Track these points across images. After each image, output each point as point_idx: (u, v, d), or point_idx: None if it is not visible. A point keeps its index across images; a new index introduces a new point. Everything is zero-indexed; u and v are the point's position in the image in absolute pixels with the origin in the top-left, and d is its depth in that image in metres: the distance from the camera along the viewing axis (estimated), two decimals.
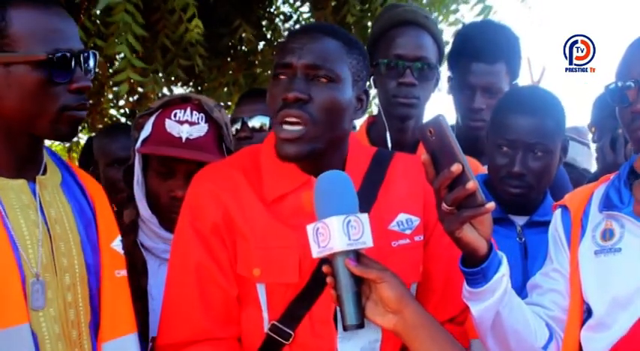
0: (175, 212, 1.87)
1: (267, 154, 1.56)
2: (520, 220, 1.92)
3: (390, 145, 2.13)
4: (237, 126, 2.52)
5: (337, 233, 1.26)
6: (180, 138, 1.87)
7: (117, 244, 1.51)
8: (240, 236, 1.48)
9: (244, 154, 1.62)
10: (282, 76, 1.46)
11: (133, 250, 1.90)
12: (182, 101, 1.93)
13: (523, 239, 1.88)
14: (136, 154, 1.93)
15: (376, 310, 1.31)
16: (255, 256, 1.46)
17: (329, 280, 1.31)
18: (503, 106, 1.93)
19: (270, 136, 1.59)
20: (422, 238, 1.55)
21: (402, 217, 1.53)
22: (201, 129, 1.89)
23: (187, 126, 1.88)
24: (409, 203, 1.55)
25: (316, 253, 1.30)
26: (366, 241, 1.29)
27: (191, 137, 1.87)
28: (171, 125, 1.88)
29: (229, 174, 1.54)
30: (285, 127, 1.43)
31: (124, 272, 1.51)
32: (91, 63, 1.43)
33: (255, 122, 2.51)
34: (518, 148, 1.84)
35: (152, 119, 1.93)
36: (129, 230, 1.93)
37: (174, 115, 1.89)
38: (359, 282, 1.30)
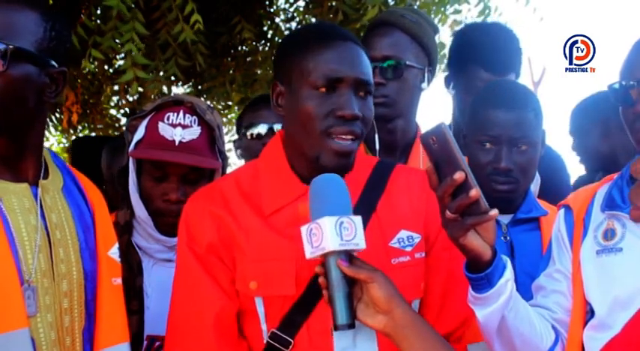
0: (169, 216, 1.88)
1: (266, 167, 1.55)
2: (504, 219, 1.89)
3: (377, 146, 2.11)
4: (261, 130, 2.55)
5: (330, 233, 1.27)
6: (174, 141, 1.86)
7: (114, 252, 1.51)
8: (238, 251, 1.47)
9: (241, 170, 1.61)
10: (332, 90, 1.42)
11: (128, 251, 1.91)
12: (175, 104, 1.92)
13: (508, 238, 1.86)
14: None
15: (367, 312, 1.32)
16: (251, 269, 1.45)
17: (321, 280, 1.32)
18: (481, 102, 1.91)
19: (267, 149, 1.58)
20: (423, 255, 1.53)
21: (403, 234, 1.52)
22: (194, 132, 1.88)
23: (180, 129, 1.87)
24: (411, 220, 1.53)
25: (309, 253, 1.30)
26: (359, 242, 1.30)
27: (184, 140, 1.86)
28: (164, 128, 1.87)
29: (222, 191, 1.52)
30: (340, 141, 1.42)
31: (119, 280, 1.50)
32: None
33: (278, 128, 2.52)
34: (502, 144, 1.82)
35: (145, 122, 1.92)
36: (123, 231, 1.93)
37: (168, 118, 1.88)
38: (351, 283, 1.31)
